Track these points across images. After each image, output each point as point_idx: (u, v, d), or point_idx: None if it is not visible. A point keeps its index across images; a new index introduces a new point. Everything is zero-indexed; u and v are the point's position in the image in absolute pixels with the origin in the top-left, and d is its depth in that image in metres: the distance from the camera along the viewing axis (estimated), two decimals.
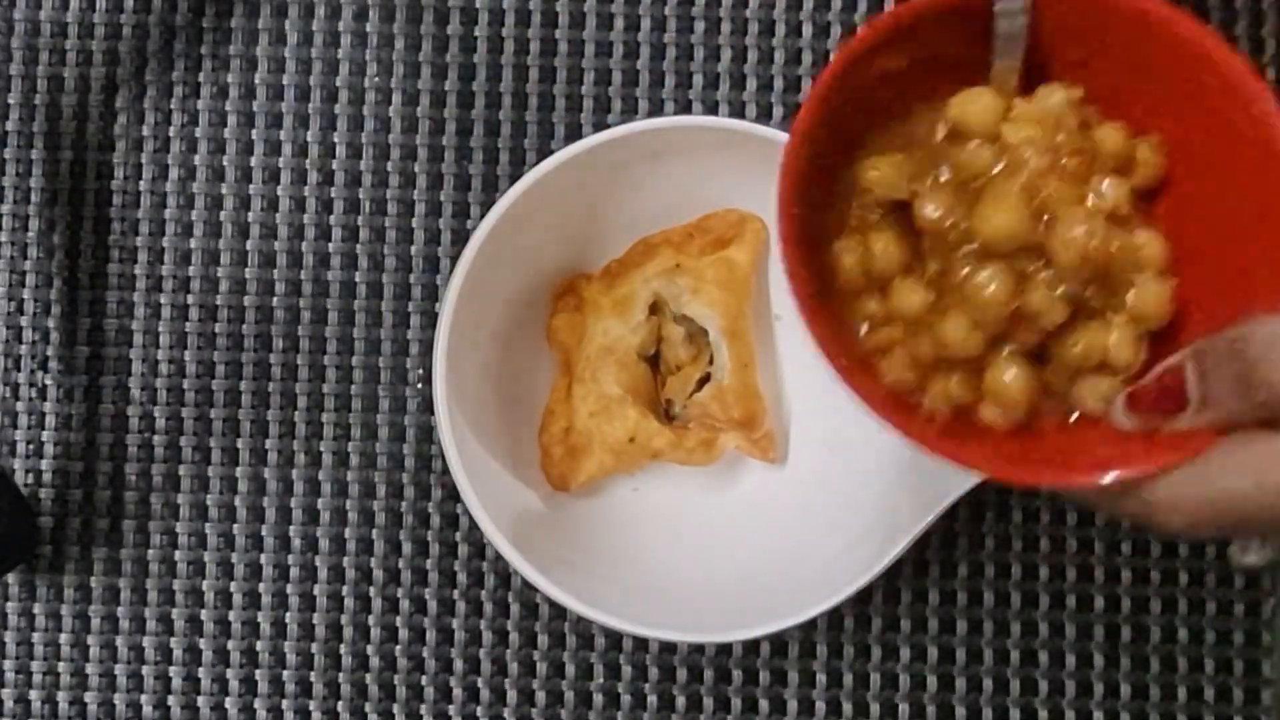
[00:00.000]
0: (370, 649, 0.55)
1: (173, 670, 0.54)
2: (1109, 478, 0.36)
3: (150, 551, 0.55)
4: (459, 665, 0.54)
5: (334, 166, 0.56)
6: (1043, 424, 0.40)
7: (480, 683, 0.54)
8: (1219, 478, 0.34)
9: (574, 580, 0.48)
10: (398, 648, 0.54)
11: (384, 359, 0.55)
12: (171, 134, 0.56)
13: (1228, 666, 0.55)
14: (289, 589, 0.55)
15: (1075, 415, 0.39)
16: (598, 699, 0.54)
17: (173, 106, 0.56)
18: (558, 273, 0.53)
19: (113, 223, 0.55)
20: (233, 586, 0.55)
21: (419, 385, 0.55)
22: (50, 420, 0.55)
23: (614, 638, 0.54)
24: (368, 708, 0.54)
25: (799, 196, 0.38)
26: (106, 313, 0.55)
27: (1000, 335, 0.39)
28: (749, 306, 0.52)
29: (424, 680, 0.54)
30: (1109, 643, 0.54)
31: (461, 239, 0.55)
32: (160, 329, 0.55)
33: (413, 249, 0.55)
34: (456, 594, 0.55)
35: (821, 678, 0.54)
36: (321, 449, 0.55)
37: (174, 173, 0.56)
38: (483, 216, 0.48)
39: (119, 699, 0.54)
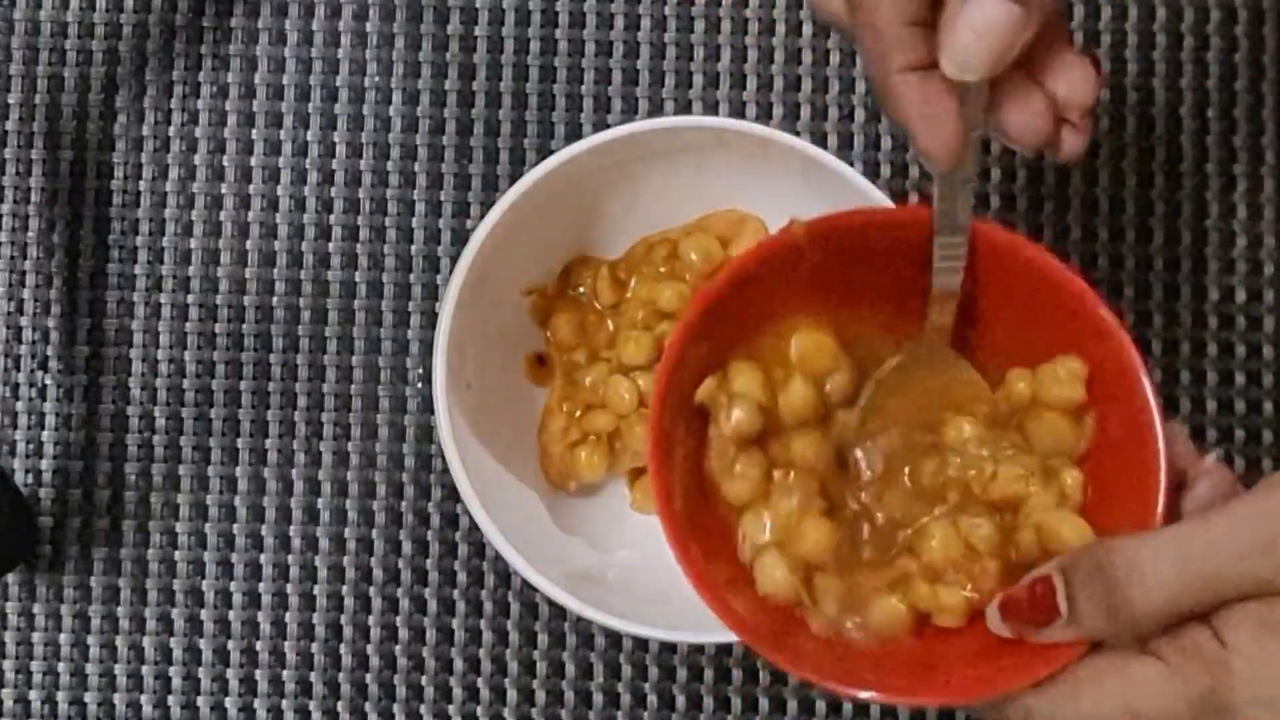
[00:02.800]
0: (370, 648, 0.55)
1: (173, 670, 0.54)
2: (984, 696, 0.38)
3: (150, 551, 0.55)
4: (459, 665, 0.54)
5: (334, 166, 0.56)
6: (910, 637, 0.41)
7: (480, 682, 0.54)
8: (1091, 702, 0.35)
9: (574, 580, 0.48)
10: (397, 647, 0.54)
11: (384, 359, 0.55)
12: (171, 134, 0.56)
13: None
14: (289, 588, 0.55)
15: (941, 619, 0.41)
16: (598, 699, 0.54)
17: (173, 106, 0.56)
18: (557, 272, 0.53)
19: (113, 223, 0.55)
20: (233, 586, 0.55)
21: (419, 385, 0.55)
22: (50, 420, 0.55)
23: (614, 638, 0.54)
24: (367, 707, 0.54)
25: (674, 408, 0.40)
26: (106, 313, 0.55)
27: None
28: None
29: (424, 680, 0.54)
30: None
31: (461, 239, 0.55)
32: (160, 329, 0.55)
33: (413, 249, 0.55)
34: (456, 593, 0.55)
35: None
36: (321, 449, 0.55)
37: (174, 173, 0.56)
38: (483, 216, 0.48)
39: (119, 699, 0.54)
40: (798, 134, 0.55)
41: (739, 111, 0.56)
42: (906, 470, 0.42)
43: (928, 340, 0.41)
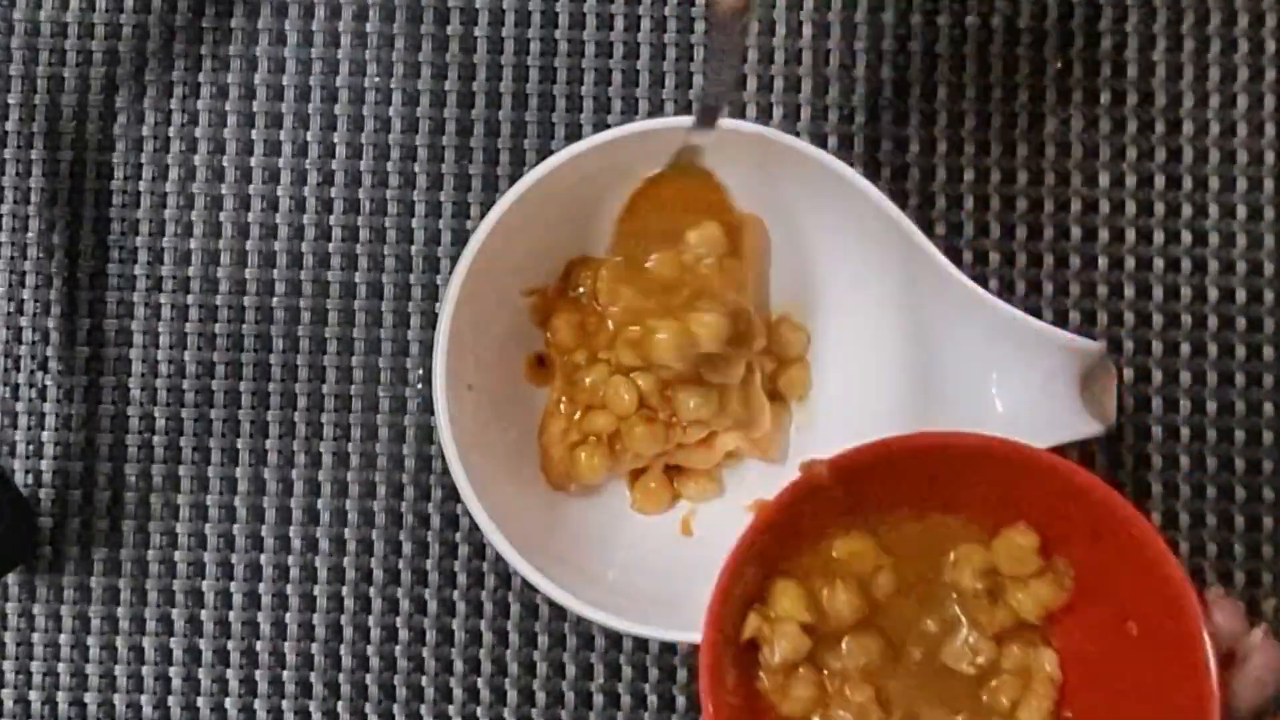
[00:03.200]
0: (370, 649, 0.54)
1: (173, 670, 0.54)
2: None
3: (150, 552, 0.55)
4: (459, 666, 0.54)
5: (334, 166, 0.56)
6: None
7: (480, 683, 0.54)
8: None
9: (574, 580, 0.48)
10: (398, 648, 0.54)
11: (384, 359, 0.55)
12: (171, 134, 0.56)
13: None
14: (289, 589, 0.55)
15: None
16: (598, 699, 0.54)
17: (173, 106, 0.56)
18: (558, 273, 0.53)
19: (113, 223, 0.55)
20: (233, 587, 0.55)
21: (419, 386, 0.55)
22: (50, 420, 0.55)
23: (614, 638, 0.54)
24: (368, 708, 0.54)
25: (727, 617, 0.43)
26: (106, 313, 0.55)
27: None
28: (748, 305, 0.52)
29: (424, 681, 0.54)
30: None
31: (461, 239, 0.55)
32: (160, 329, 0.55)
33: (413, 249, 0.55)
34: (456, 594, 0.55)
35: None
36: (321, 449, 0.55)
37: (174, 173, 0.56)
38: (483, 216, 0.48)
39: (119, 699, 0.54)
40: (798, 134, 0.55)
41: (738, 112, 0.56)
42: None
43: (683, 155, 0.45)
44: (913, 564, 0.45)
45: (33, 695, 0.54)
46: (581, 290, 0.52)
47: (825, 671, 0.44)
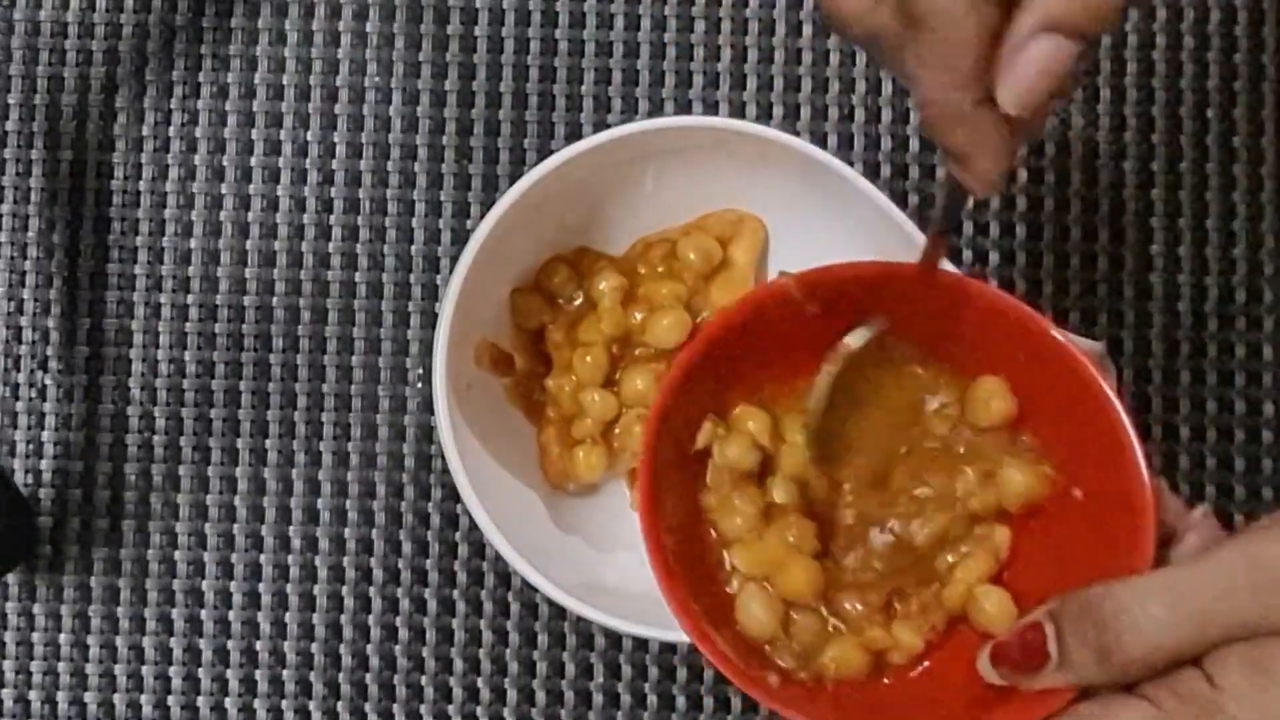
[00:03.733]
0: (370, 649, 0.55)
1: (173, 670, 0.54)
2: None
3: (150, 551, 0.55)
4: (459, 665, 0.54)
5: (334, 166, 0.56)
6: (894, 677, 0.42)
7: (480, 682, 0.54)
8: None
9: (574, 580, 0.48)
10: (397, 647, 0.54)
11: (384, 359, 0.55)
12: (171, 134, 0.56)
13: None
14: (289, 589, 0.55)
15: (923, 666, 0.42)
16: (598, 699, 0.54)
17: (173, 106, 0.56)
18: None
19: (113, 223, 0.55)
20: (232, 586, 0.55)
21: (419, 385, 0.55)
22: (50, 420, 0.55)
23: (614, 638, 0.54)
24: (367, 707, 0.54)
25: (663, 446, 0.41)
26: (106, 313, 0.55)
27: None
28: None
29: (424, 680, 0.54)
30: None
31: (461, 239, 0.55)
32: (160, 329, 0.55)
33: (413, 249, 0.55)
34: (456, 593, 0.55)
35: None
36: (321, 449, 0.55)
37: (174, 173, 0.56)
38: (483, 216, 0.48)
39: (119, 699, 0.54)
40: (798, 134, 0.55)
41: (739, 111, 0.56)
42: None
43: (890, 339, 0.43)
44: (881, 412, 0.44)
45: (33, 695, 0.54)
46: (578, 300, 0.52)
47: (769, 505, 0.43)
